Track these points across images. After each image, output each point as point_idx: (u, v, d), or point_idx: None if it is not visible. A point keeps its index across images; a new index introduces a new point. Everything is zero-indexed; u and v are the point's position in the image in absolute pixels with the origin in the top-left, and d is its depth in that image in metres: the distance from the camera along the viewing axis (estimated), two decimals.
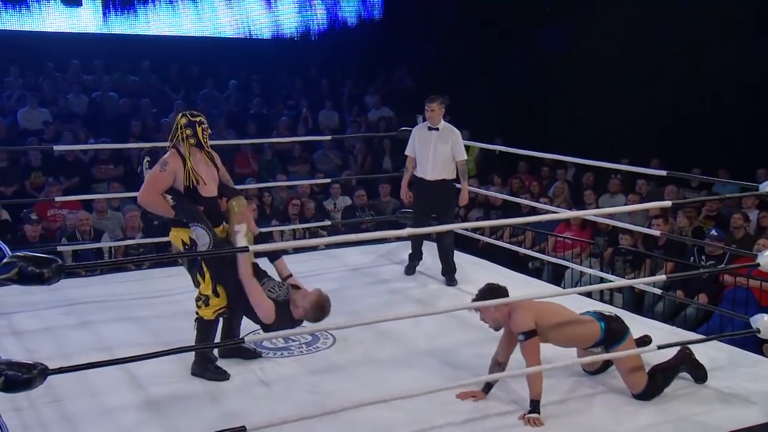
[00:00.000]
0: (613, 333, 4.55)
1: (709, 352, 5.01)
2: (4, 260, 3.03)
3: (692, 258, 8.31)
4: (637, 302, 7.98)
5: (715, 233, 8.18)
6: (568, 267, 8.48)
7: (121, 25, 14.26)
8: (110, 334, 5.49)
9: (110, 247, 8.10)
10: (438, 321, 5.62)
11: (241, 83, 14.24)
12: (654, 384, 4.53)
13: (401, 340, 5.43)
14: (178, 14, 14.62)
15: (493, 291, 4.44)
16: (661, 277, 4.93)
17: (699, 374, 4.75)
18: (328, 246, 7.69)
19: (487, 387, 4.54)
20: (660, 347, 4.53)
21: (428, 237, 7.15)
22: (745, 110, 11.41)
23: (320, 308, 4.61)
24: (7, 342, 5.30)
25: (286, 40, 15.54)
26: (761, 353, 5.69)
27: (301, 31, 15.62)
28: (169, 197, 4.68)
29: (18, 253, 3.03)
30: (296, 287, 4.81)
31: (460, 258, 7.46)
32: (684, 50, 11.84)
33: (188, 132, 4.71)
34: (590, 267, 8.35)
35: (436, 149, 6.70)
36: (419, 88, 14.24)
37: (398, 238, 7.62)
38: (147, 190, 4.72)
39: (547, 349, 4.50)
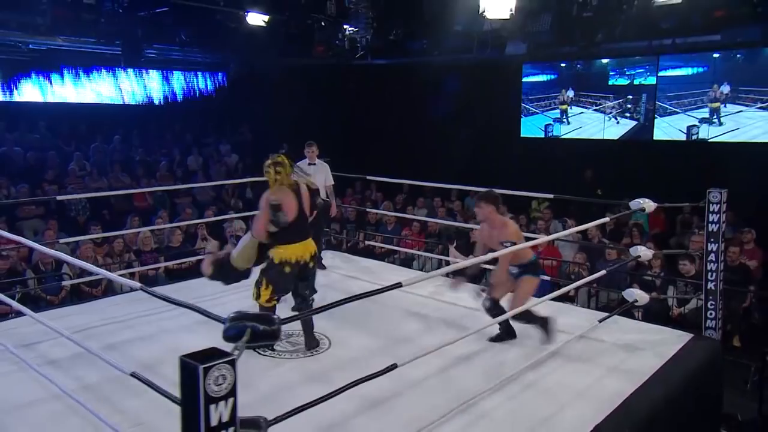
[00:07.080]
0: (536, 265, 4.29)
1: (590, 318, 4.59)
2: (227, 325, 1.98)
3: None
4: None
5: None
6: (415, 258, 8.16)
7: (19, 95, 11.70)
8: (135, 354, 4.17)
9: (70, 276, 6.41)
10: (402, 313, 4.97)
11: (123, 137, 12.24)
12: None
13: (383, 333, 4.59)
14: (68, 84, 12.24)
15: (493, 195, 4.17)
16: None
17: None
18: None
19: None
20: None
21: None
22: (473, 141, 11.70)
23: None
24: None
25: (155, 105, 13.64)
26: None
27: (165, 97, 13.78)
28: None
29: (236, 315, 2.00)
30: None
31: (341, 256, 7.03)
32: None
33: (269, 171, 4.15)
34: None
35: (317, 179, 6.46)
36: (256, 140, 13.50)
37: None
38: (255, 225, 4.21)
39: None
